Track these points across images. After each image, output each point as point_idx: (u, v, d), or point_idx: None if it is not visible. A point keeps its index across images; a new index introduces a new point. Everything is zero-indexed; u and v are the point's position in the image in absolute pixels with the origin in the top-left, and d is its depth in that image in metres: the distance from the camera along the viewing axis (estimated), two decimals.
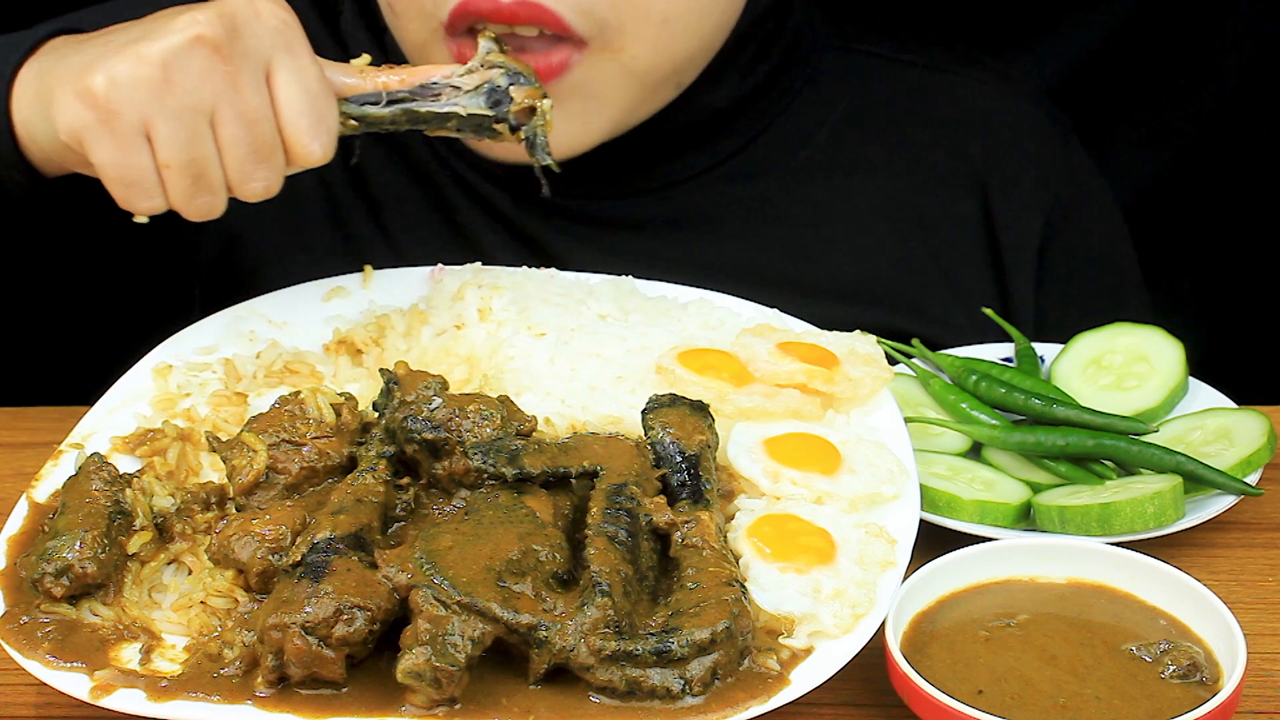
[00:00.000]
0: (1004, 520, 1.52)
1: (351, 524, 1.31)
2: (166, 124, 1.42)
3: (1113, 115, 2.45)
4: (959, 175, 1.93)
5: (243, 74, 1.43)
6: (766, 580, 1.32)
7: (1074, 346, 1.76)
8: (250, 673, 1.26)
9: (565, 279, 1.75)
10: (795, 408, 1.52)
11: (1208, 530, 1.54)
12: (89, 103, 1.42)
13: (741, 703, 1.23)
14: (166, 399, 1.59)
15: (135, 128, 1.42)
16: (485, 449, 1.37)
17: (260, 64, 1.44)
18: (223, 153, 1.44)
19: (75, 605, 1.32)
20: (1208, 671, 1.26)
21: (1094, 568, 1.37)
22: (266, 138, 1.45)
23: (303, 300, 1.74)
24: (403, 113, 1.55)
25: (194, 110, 1.42)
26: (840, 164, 1.92)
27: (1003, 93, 1.98)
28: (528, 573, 1.27)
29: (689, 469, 1.40)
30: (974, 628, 1.32)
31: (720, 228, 1.89)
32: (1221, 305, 2.54)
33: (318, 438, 1.43)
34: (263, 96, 1.44)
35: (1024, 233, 1.94)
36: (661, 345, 1.59)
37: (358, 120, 1.54)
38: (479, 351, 1.63)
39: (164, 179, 1.44)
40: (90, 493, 1.38)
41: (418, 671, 1.20)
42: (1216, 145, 2.48)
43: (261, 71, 1.45)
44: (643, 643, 1.23)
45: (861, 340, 1.60)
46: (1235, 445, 1.60)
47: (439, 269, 1.76)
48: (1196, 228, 2.55)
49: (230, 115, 1.43)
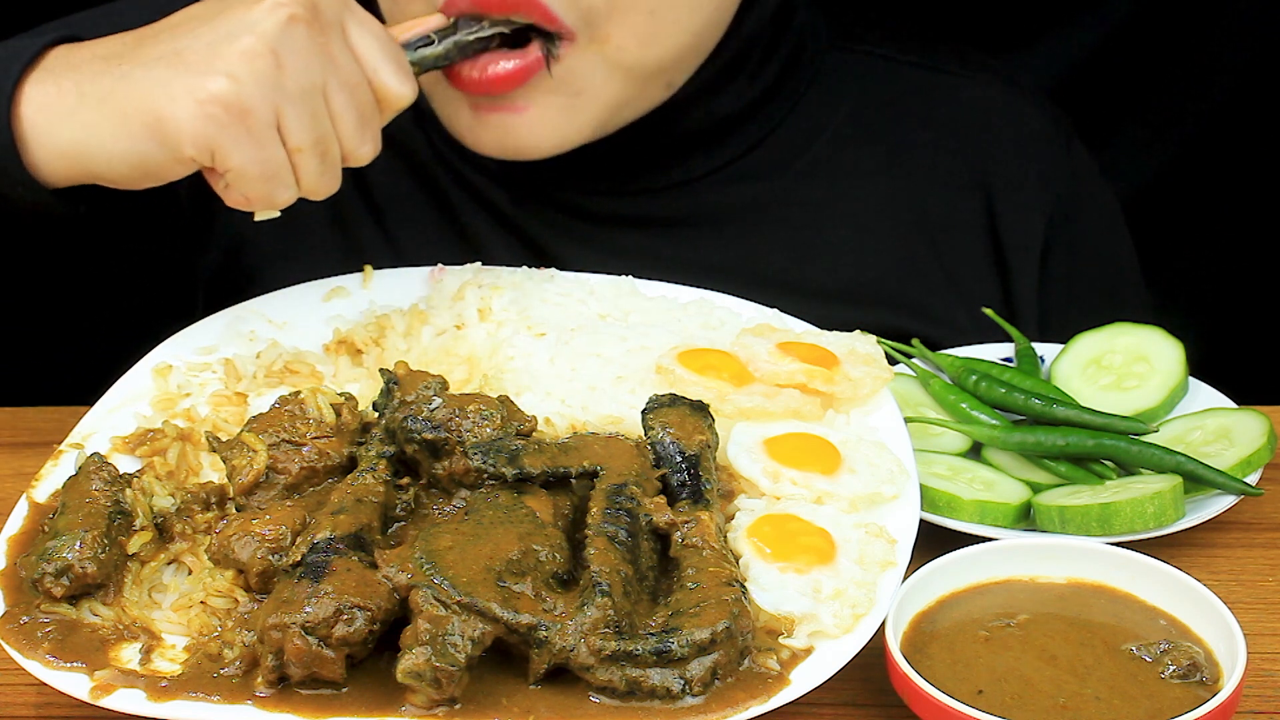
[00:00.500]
0: (1004, 520, 1.52)
1: (351, 524, 1.31)
2: (293, 108, 1.43)
3: (1113, 115, 2.46)
4: (962, 176, 1.93)
5: (333, 42, 1.46)
6: (766, 580, 1.32)
7: (1074, 346, 1.76)
8: (250, 673, 1.26)
9: (565, 279, 1.75)
10: (795, 408, 1.52)
11: (1208, 530, 1.54)
12: (220, 107, 1.41)
13: (741, 703, 1.23)
14: (166, 399, 1.59)
15: (268, 121, 1.43)
16: (485, 449, 1.37)
17: (340, 29, 1.48)
18: (336, 124, 1.47)
19: (75, 605, 1.32)
20: (1208, 671, 1.26)
21: (1094, 568, 1.37)
22: (366, 99, 1.49)
23: (303, 300, 1.74)
24: (454, 45, 1.61)
25: (311, 89, 1.44)
26: (843, 165, 1.92)
27: (1005, 94, 1.98)
28: (528, 573, 1.27)
29: (689, 469, 1.40)
30: (974, 628, 1.32)
31: (723, 228, 1.89)
32: (1221, 305, 2.54)
33: (318, 438, 1.43)
34: (352, 60, 1.48)
35: (1027, 234, 1.94)
36: (661, 345, 1.59)
37: (417, 64, 1.59)
38: (479, 351, 1.63)
39: (296, 165, 1.46)
40: (90, 493, 1.38)
41: (418, 671, 1.20)
42: (1216, 145, 2.49)
43: (343, 35, 1.48)
44: (643, 643, 1.23)
45: (861, 340, 1.60)
46: (1235, 445, 1.60)
47: (439, 269, 1.76)
48: (1196, 227, 2.55)
49: (335, 85, 1.46)
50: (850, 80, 1.94)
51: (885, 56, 1.97)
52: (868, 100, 1.94)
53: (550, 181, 1.87)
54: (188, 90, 1.42)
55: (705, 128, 1.86)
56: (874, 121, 1.94)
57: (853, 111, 1.93)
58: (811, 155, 1.91)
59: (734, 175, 1.89)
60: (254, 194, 1.46)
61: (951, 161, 1.94)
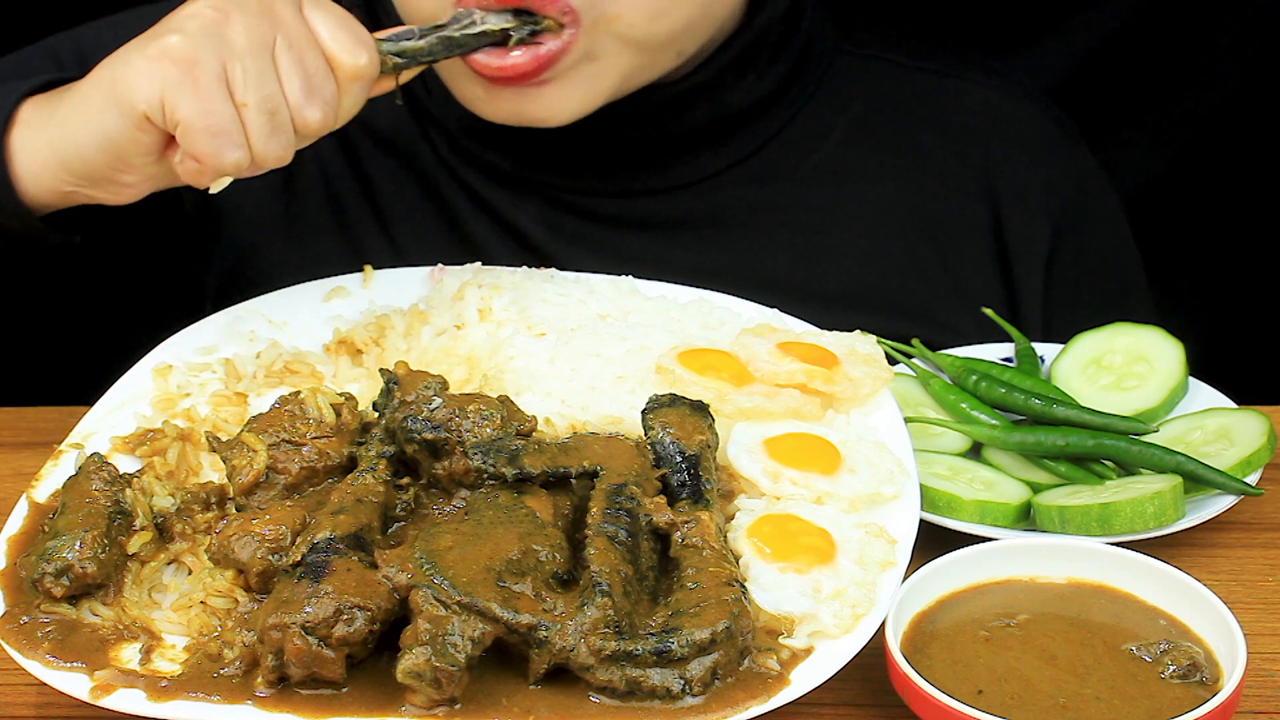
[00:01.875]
0: (1004, 520, 1.52)
1: (351, 524, 1.31)
2: (240, 62, 1.45)
3: (1113, 115, 2.45)
4: (968, 181, 1.93)
5: (284, 8, 1.49)
6: (766, 580, 1.32)
7: (1074, 346, 1.75)
8: (250, 673, 1.26)
9: (565, 279, 1.75)
10: (795, 408, 1.52)
11: (1208, 530, 1.54)
12: (169, 60, 1.44)
13: (741, 703, 1.23)
14: (166, 399, 1.59)
15: (215, 73, 1.44)
16: (485, 449, 1.37)
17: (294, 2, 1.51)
18: (283, 84, 1.48)
19: (75, 605, 1.32)
20: (1208, 671, 1.26)
21: (1094, 568, 1.37)
22: (316, 63, 1.50)
23: (303, 300, 1.74)
24: (439, 40, 1.61)
25: (260, 45, 1.46)
26: (850, 168, 1.92)
27: (1012, 99, 1.98)
28: (528, 573, 1.27)
29: (689, 469, 1.40)
30: (974, 628, 1.32)
31: (728, 231, 1.89)
32: (1221, 305, 2.54)
33: (318, 438, 1.43)
34: (304, 24, 1.50)
35: (1033, 239, 1.94)
36: (661, 345, 1.59)
37: (398, 55, 1.58)
38: (479, 351, 1.63)
39: (245, 121, 1.46)
40: (90, 493, 1.38)
41: (418, 671, 1.20)
42: (1216, 145, 2.48)
43: (297, 7, 1.51)
44: (643, 643, 1.23)
45: (861, 340, 1.60)
46: (1235, 445, 1.60)
47: (439, 269, 1.76)
48: (1196, 228, 2.55)
49: (283, 45, 1.48)
50: (857, 83, 1.94)
51: (892, 60, 1.97)
52: (875, 104, 1.94)
53: (555, 181, 1.87)
54: (140, 52, 1.46)
55: (713, 122, 1.86)
56: (881, 125, 1.93)
57: (860, 115, 1.93)
58: (818, 158, 1.91)
59: (739, 177, 1.89)
60: (202, 149, 1.45)
61: (958, 166, 1.93)
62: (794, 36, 1.89)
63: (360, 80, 1.53)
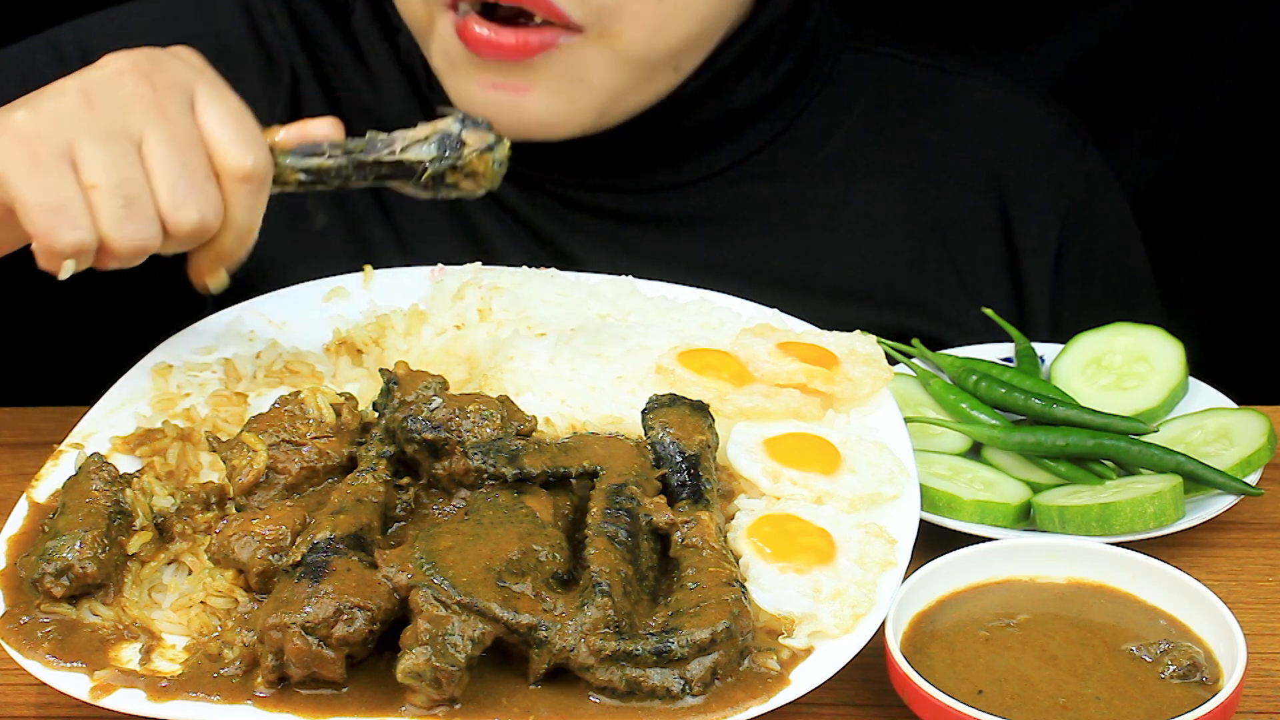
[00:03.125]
0: (1004, 520, 1.52)
1: (351, 524, 1.31)
2: (90, 144, 1.37)
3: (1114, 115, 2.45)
4: (976, 179, 1.93)
5: (170, 102, 1.42)
6: (766, 580, 1.32)
7: (1074, 346, 1.75)
8: (250, 673, 1.26)
9: (565, 279, 1.75)
10: (795, 408, 1.52)
11: (1208, 530, 1.54)
12: (10, 135, 1.38)
13: (741, 703, 1.23)
14: (166, 399, 1.59)
15: (58, 151, 1.37)
16: (485, 449, 1.37)
17: (185, 93, 1.43)
18: (152, 177, 1.40)
19: (75, 605, 1.32)
20: (1208, 671, 1.26)
21: (1094, 568, 1.37)
22: (198, 160, 1.42)
23: (303, 300, 1.74)
24: (349, 163, 1.51)
25: (120, 133, 1.39)
26: (857, 166, 1.92)
27: (1020, 97, 1.99)
28: (528, 573, 1.27)
29: (689, 469, 1.40)
30: (974, 628, 1.32)
31: (736, 227, 1.89)
32: (1221, 305, 2.54)
33: (318, 438, 1.43)
34: (190, 121, 1.43)
35: (1040, 237, 1.94)
36: (661, 345, 1.59)
37: (304, 171, 1.51)
38: (479, 351, 1.63)
39: (92, 203, 1.37)
40: (90, 493, 1.38)
41: (418, 671, 1.20)
42: (1217, 145, 2.49)
43: (187, 99, 1.43)
44: (643, 643, 1.23)
45: (861, 340, 1.60)
46: (1235, 445, 1.60)
47: (439, 269, 1.76)
48: (1197, 227, 2.55)
49: (158, 138, 1.40)
50: (865, 80, 1.94)
51: (900, 58, 1.97)
52: (882, 101, 1.94)
53: (563, 178, 1.87)
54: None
55: (719, 120, 1.86)
56: (888, 122, 1.93)
57: (867, 112, 1.93)
58: (825, 155, 1.91)
59: (747, 173, 1.89)
60: (36, 227, 1.37)
61: (965, 164, 1.93)
62: (799, 33, 1.89)
63: (249, 183, 1.44)
